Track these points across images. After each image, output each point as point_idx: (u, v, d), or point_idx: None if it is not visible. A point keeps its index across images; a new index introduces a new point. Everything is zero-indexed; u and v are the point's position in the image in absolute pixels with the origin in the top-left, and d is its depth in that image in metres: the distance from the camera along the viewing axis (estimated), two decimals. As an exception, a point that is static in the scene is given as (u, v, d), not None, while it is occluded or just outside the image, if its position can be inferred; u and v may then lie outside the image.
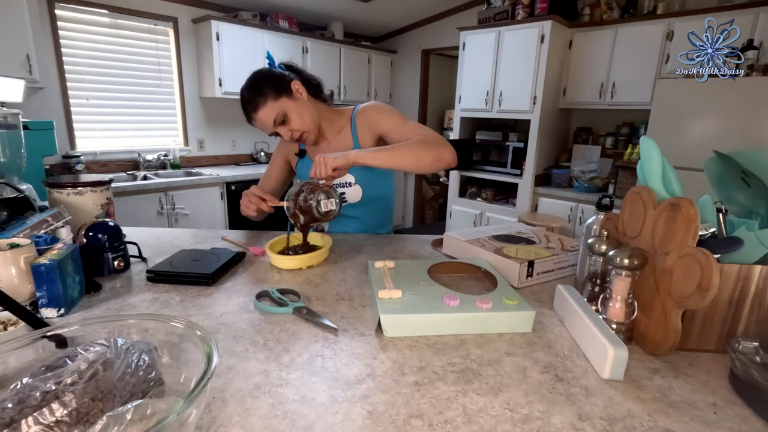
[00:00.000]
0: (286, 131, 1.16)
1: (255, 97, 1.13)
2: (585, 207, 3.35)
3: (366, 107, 1.27)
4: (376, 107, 1.26)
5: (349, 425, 0.51)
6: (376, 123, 1.24)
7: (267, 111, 1.13)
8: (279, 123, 1.14)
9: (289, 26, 4.02)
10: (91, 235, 0.94)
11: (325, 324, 0.74)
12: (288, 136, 1.17)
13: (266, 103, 1.13)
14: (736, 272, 0.64)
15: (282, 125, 1.15)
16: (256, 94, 1.13)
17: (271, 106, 1.13)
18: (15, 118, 1.36)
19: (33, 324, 0.61)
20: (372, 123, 1.25)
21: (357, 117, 1.26)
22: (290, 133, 1.16)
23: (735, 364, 0.59)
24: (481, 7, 3.78)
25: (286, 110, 1.14)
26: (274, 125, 1.14)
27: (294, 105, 1.15)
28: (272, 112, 1.13)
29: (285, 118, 1.14)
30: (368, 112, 1.26)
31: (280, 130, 1.16)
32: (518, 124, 3.94)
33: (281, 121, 1.14)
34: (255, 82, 1.16)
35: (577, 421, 0.53)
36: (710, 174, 0.83)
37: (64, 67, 3.08)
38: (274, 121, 1.13)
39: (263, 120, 1.14)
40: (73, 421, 0.41)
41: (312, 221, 1.05)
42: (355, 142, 1.26)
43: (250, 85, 1.16)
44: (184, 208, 3.22)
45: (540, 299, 0.88)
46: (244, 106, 1.16)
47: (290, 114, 1.15)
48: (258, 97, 1.13)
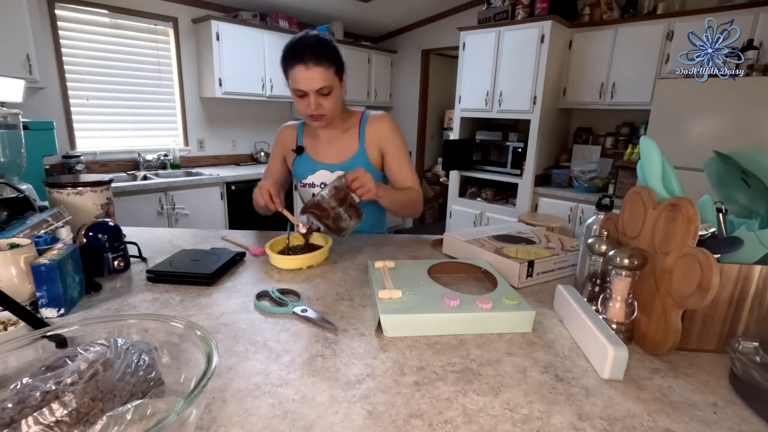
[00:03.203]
0: (316, 102, 1.15)
1: (322, 55, 1.12)
2: (585, 207, 3.35)
3: (381, 118, 1.29)
4: (392, 126, 1.29)
5: (349, 425, 0.51)
6: (387, 140, 1.28)
7: (323, 73, 1.12)
8: (318, 90, 1.13)
9: (289, 26, 4.02)
10: (91, 235, 0.94)
11: (325, 324, 0.74)
12: (313, 107, 1.15)
13: (328, 67, 1.13)
14: (736, 272, 0.64)
15: (318, 95, 1.15)
16: (324, 54, 1.12)
17: (328, 74, 1.13)
18: (15, 118, 1.36)
19: (33, 324, 0.61)
20: (383, 137, 1.27)
21: (368, 123, 1.28)
22: (318, 106, 1.16)
23: (735, 364, 0.59)
24: (481, 7, 3.78)
25: (332, 87, 1.15)
26: (316, 88, 1.13)
27: (338, 89, 1.19)
28: (326, 79, 1.13)
29: (328, 92, 1.15)
30: (383, 126, 1.28)
31: (314, 96, 1.14)
32: (518, 124, 3.94)
33: (324, 92, 1.14)
34: (329, 45, 1.15)
35: (577, 421, 0.53)
36: (710, 174, 0.83)
37: (64, 67, 3.08)
38: (321, 87, 1.13)
39: (313, 76, 1.12)
40: (73, 421, 0.41)
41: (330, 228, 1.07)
42: (360, 145, 1.28)
43: (323, 42, 1.14)
44: (184, 208, 3.22)
45: (540, 299, 0.88)
46: (304, 49, 1.12)
47: (333, 93, 1.16)
48: (324, 57, 1.12)
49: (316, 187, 1.30)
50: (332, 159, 1.29)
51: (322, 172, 1.29)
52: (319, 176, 1.30)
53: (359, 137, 1.28)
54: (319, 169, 1.30)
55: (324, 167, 1.29)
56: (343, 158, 1.28)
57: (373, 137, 1.27)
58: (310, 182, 1.31)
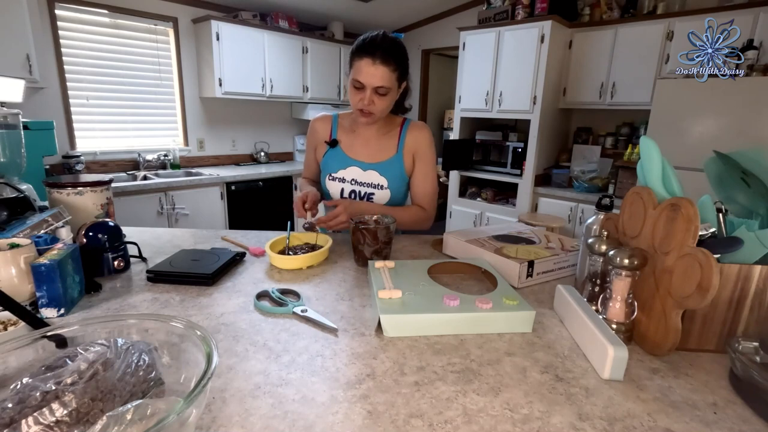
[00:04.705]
0: (369, 99, 1.17)
1: (392, 56, 1.14)
2: (585, 207, 3.35)
3: (422, 129, 1.33)
4: (430, 138, 1.33)
5: (349, 425, 0.51)
6: (422, 151, 1.32)
7: (386, 74, 1.14)
8: (376, 87, 1.15)
9: (289, 26, 4.02)
10: (91, 235, 0.93)
11: (325, 324, 0.74)
12: (366, 102, 1.17)
13: (393, 70, 1.15)
14: (736, 272, 0.64)
15: (374, 93, 1.16)
16: (394, 55, 1.15)
17: (391, 76, 1.16)
18: (15, 118, 1.36)
19: (33, 324, 0.61)
20: (420, 148, 1.32)
21: (409, 130, 1.32)
22: (370, 103, 1.18)
23: (735, 364, 0.59)
24: (481, 7, 3.78)
25: (390, 89, 1.17)
26: (375, 85, 1.15)
27: (394, 93, 1.21)
28: (387, 79, 1.15)
29: (385, 93, 1.17)
30: (422, 136, 1.32)
31: (371, 92, 1.16)
32: (518, 124, 3.94)
33: (381, 91, 1.16)
34: (401, 51, 1.18)
35: (577, 421, 0.53)
36: (710, 174, 0.83)
37: (64, 67, 3.08)
38: (380, 86, 1.15)
39: (377, 73, 1.14)
40: (73, 421, 0.41)
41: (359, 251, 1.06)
42: (399, 150, 1.31)
43: (397, 45, 1.17)
44: (184, 208, 3.23)
45: (540, 299, 0.88)
46: (377, 45, 1.13)
47: (389, 95, 1.19)
48: (393, 58, 1.14)
49: (346, 182, 1.32)
50: (367, 158, 1.31)
51: (354, 168, 1.31)
52: (351, 172, 1.32)
53: (399, 143, 1.31)
54: (351, 165, 1.32)
55: (357, 164, 1.31)
56: (379, 159, 1.31)
57: (412, 146, 1.31)
58: (341, 177, 1.32)
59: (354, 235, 1.03)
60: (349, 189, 1.32)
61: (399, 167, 1.31)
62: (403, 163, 1.31)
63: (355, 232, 1.03)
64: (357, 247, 1.04)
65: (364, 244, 1.02)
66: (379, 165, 1.30)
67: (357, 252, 1.05)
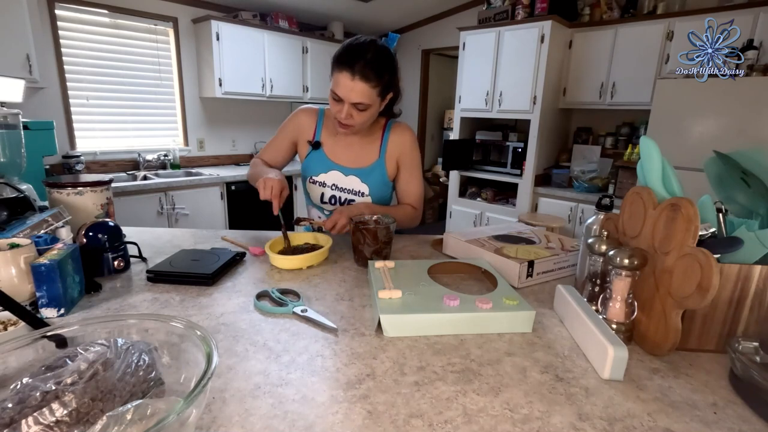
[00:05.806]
0: (346, 113, 1.12)
1: (373, 71, 1.07)
2: (585, 207, 3.35)
3: (404, 131, 1.29)
4: (413, 140, 1.31)
5: (349, 425, 0.51)
6: (406, 154, 1.29)
7: (365, 90, 1.08)
8: (355, 104, 1.10)
9: (289, 26, 4.02)
10: (91, 235, 0.93)
11: (325, 324, 0.74)
12: (342, 116, 1.12)
13: (373, 87, 1.09)
14: (736, 272, 0.64)
15: (353, 107, 1.11)
16: (375, 71, 1.08)
17: (371, 93, 1.09)
18: (15, 118, 1.36)
19: (33, 324, 0.61)
20: (403, 151, 1.29)
21: (392, 133, 1.28)
22: (348, 117, 1.13)
23: (735, 364, 0.59)
24: (481, 7, 3.78)
25: (371, 105, 1.12)
26: (353, 101, 1.09)
27: (376, 107, 1.15)
28: (366, 96, 1.09)
29: (364, 108, 1.12)
30: (405, 139, 1.29)
31: (347, 107, 1.11)
32: (518, 124, 3.94)
33: (359, 107, 1.11)
34: (385, 64, 1.10)
35: (577, 421, 0.53)
36: (710, 174, 0.83)
37: (64, 67, 3.08)
38: (358, 102, 1.09)
39: (355, 89, 1.07)
40: (73, 421, 0.41)
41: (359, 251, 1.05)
42: (381, 155, 1.28)
43: (381, 58, 1.10)
44: (184, 208, 3.23)
45: (540, 299, 0.88)
46: (358, 57, 1.06)
47: (369, 110, 1.13)
48: (374, 74, 1.08)
49: (327, 187, 1.29)
50: (349, 162, 1.28)
51: (336, 173, 1.28)
52: (332, 177, 1.29)
53: (381, 147, 1.28)
54: (333, 169, 1.29)
55: (339, 168, 1.28)
56: (361, 165, 1.28)
57: (394, 149, 1.28)
58: (322, 181, 1.29)
59: (354, 235, 1.03)
60: (330, 194, 1.30)
61: (381, 173, 1.28)
62: (385, 169, 1.28)
63: (355, 232, 1.03)
64: (357, 247, 1.04)
65: (364, 244, 1.02)
66: (361, 171, 1.27)
67: (357, 252, 1.05)
